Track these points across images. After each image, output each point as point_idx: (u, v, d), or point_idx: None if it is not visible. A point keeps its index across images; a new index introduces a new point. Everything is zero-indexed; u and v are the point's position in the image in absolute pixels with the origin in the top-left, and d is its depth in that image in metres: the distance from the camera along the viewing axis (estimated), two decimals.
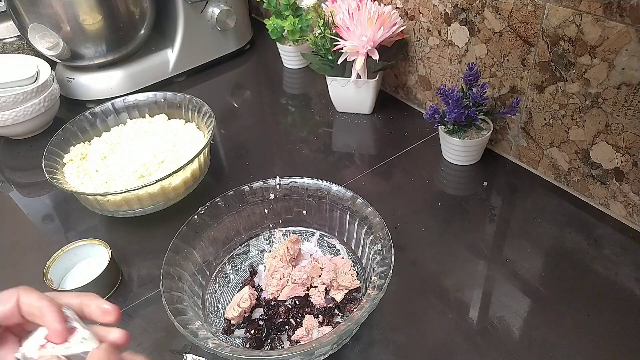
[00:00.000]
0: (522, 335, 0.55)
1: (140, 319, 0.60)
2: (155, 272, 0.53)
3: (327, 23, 0.83)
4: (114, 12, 0.92)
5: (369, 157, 0.83)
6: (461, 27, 0.75)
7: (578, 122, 0.66)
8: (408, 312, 0.58)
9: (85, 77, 0.99)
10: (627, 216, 0.66)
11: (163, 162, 0.75)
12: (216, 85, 1.06)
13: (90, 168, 0.75)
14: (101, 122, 0.82)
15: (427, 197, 0.73)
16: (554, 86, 0.66)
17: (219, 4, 1.04)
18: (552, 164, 0.72)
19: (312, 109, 0.96)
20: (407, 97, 0.93)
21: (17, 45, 1.05)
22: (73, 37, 0.91)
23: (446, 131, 0.76)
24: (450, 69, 0.81)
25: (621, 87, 0.59)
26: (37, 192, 0.82)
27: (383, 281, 0.50)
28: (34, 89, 0.87)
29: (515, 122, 0.74)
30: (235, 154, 0.86)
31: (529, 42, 0.66)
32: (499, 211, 0.70)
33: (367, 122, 0.90)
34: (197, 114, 0.81)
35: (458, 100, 0.71)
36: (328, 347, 0.52)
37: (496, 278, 0.61)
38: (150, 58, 1.03)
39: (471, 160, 0.77)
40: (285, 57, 1.07)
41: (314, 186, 0.63)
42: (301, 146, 0.86)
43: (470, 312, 0.58)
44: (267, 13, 1.17)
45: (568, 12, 0.60)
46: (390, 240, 0.54)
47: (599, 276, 0.60)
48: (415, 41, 0.84)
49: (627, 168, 0.63)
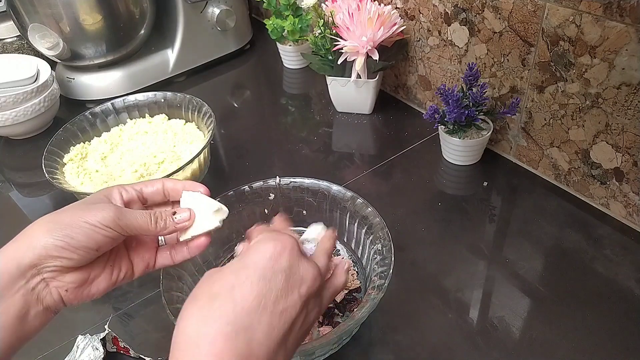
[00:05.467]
0: (522, 335, 0.55)
1: (141, 319, 0.60)
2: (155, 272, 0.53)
3: (327, 23, 0.83)
4: (114, 12, 0.92)
5: (369, 157, 0.83)
6: (461, 27, 0.75)
7: (578, 122, 0.66)
8: (408, 312, 0.58)
9: (85, 77, 0.98)
10: (627, 216, 0.66)
11: (163, 162, 0.75)
12: (216, 85, 1.06)
13: (90, 168, 0.75)
14: (101, 122, 0.82)
15: (427, 197, 0.73)
16: (554, 86, 0.66)
17: (219, 4, 1.04)
18: (552, 164, 0.72)
19: (312, 109, 0.96)
20: (407, 97, 0.93)
21: (17, 45, 1.05)
22: (73, 37, 0.91)
23: (446, 131, 0.76)
24: (450, 69, 0.81)
25: (621, 87, 0.59)
26: (37, 192, 0.82)
27: (383, 281, 0.50)
28: (34, 89, 0.87)
29: (515, 122, 0.74)
30: (235, 154, 0.86)
31: (529, 42, 0.66)
32: (499, 211, 0.70)
33: (367, 122, 0.90)
34: (197, 114, 0.81)
35: (458, 100, 0.71)
36: (328, 347, 0.52)
37: (496, 278, 0.61)
38: (150, 58, 1.03)
39: (471, 160, 0.77)
40: (285, 57, 1.07)
41: (314, 186, 0.63)
42: (301, 146, 0.86)
43: (470, 312, 0.58)
44: (267, 13, 1.17)
45: (568, 12, 0.60)
46: (390, 240, 0.54)
47: (599, 276, 0.60)
48: (415, 41, 0.84)
49: (627, 168, 0.63)
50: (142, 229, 0.40)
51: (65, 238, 0.36)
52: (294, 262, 0.36)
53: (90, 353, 0.53)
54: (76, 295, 0.39)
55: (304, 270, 0.36)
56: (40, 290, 0.37)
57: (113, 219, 0.38)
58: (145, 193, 0.43)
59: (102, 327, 0.56)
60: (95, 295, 0.40)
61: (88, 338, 0.55)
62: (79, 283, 0.39)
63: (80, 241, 0.37)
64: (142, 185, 0.44)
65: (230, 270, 0.35)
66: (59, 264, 0.37)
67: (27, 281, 0.36)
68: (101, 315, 0.60)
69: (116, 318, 0.60)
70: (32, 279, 0.36)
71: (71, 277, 0.38)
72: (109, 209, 0.38)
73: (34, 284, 0.36)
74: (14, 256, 0.36)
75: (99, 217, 0.37)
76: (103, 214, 0.38)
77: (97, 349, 0.54)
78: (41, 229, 0.37)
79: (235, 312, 0.32)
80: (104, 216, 0.38)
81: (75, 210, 0.38)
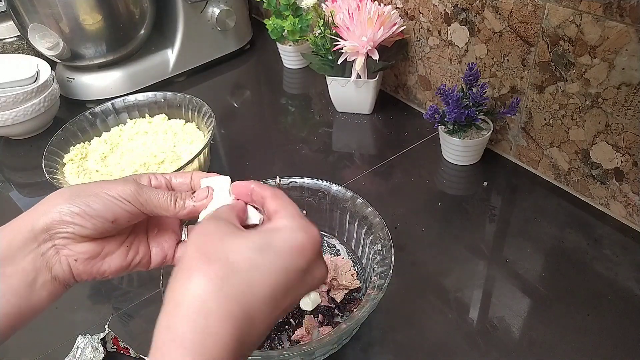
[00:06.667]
0: (522, 335, 0.55)
1: (140, 319, 0.60)
2: (155, 272, 0.53)
3: (327, 23, 0.83)
4: (114, 12, 0.92)
5: (369, 157, 0.83)
6: (461, 27, 0.75)
7: (578, 122, 0.66)
8: (408, 312, 0.58)
9: (85, 77, 0.98)
10: (627, 216, 0.66)
11: (163, 162, 0.75)
12: (216, 85, 1.06)
13: (90, 168, 0.75)
14: (101, 122, 0.82)
15: (427, 197, 0.73)
16: (554, 86, 0.66)
17: (219, 4, 1.04)
18: (552, 164, 0.72)
19: (312, 109, 0.96)
20: (407, 97, 0.93)
21: (17, 45, 1.05)
22: (73, 37, 0.91)
23: (446, 131, 0.76)
24: (450, 69, 0.81)
25: (621, 87, 0.59)
26: (37, 192, 0.82)
27: (383, 281, 0.50)
28: (34, 89, 0.87)
29: (515, 122, 0.74)
30: (235, 154, 0.86)
31: (529, 42, 0.66)
32: (499, 211, 0.70)
33: (367, 122, 0.90)
34: (197, 114, 0.81)
35: (458, 100, 0.71)
36: (328, 347, 0.52)
37: (496, 278, 0.61)
38: (150, 58, 1.03)
39: (471, 160, 0.77)
40: (285, 57, 1.07)
41: (314, 186, 0.63)
42: (301, 146, 0.86)
43: (470, 312, 0.58)
44: (267, 13, 1.17)
45: (568, 12, 0.60)
46: (390, 240, 0.54)
47: (599, 276, 0.60)
48: (415, 41, 0.84)
49: (627, 168, 0.63)
50: (161, 208, 0.39)
51: (82, 205, 0.36)
52: (313, 263, 0.34)
53: (90, 353, 0.53)
54: (86, 267, 0.38)
55: (318, 271, 0.35)
56: (50, 257, 0.37)
57: (132, 193, 0.38)
58: (173, 183, 0.43)
59: (102, 327, 0.56)
60: (106, 273, 0.39)
61: (88, 338, 0.55)
62: (90, 255, 0.38)
63: (97, 210, 0.36)
64: (172, 175, 0.43)
65: (254, 244, 0.33)
66: (71, 231, 0.36)
67: (39, 245, 0.36)
68: (101, 315, 0.60)
69: (116, 318, 0.60)
70: (44, 243, 0.36)
71: (83, 247, 0.38)
72: (130, 184, 0.38)
73: (44, 249, 0.36)
74: (30, 219, 0.36)
75: (119, 189, 0.38)
76: (124, 187, 0.38)
77: (97, 349, 0.54)
78: (62, 196, 0.37)
79: (249, 300, 0.31)
80: (124, 189, 0.38)
81: (99, 183, 0.38)
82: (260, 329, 0.32)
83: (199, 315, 0.29)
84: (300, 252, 0.34)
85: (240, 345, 0.30)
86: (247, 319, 0.30)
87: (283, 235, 0.34)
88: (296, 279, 0.33)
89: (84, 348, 0.54)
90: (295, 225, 0.35)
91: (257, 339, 0.32)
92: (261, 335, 0.32)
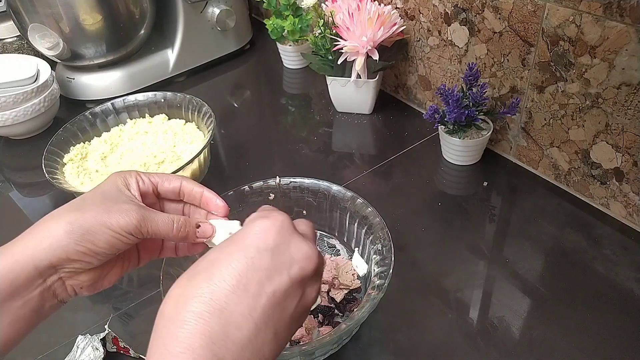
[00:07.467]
0: (522, 335, 0.55)
1: (140, 319, 0.60)
2: (155, 272, 0.53)
3: (327, 23, 0.83)
4: (114, 12, 0.92)
5: (369, 157, 0.83)
6: (461, 27, 0.75)
7: (578, 122, 0.66)
8: (408, 312, 0.58)
9: (85, 77, 0.98)
10: (627, 216, 0.66)
11: (163, 162, 0.75)
12: (216, 85, 1.06)
13: (90, 168, 0.75)
14: (101, 122, 0.82)
15: (427, 197, 0.73)
16: (554, 86, 0.66)
17: (219, 4, 1.04)
18: (552, 164, 0.72)
19: (312, 109, 0.96)
20: (407, 97, 0.93)
21: (17, 45, 1.05)
22: (73, 37, 0.91)
23: (446, 131, 0.76)
24: (450, 69, 0.81)
25: (621, 87, 0.59)
26: (37, 192, 0.82)
27: (383, 281, 0.50)
28: (34, 89, 0.87)
29: (515, 122, 0.74)
30: (235, 154, 0.86)
31: (529, 42, 0.66)
32: (499, 211, 0.70)
33: (367, 122, 0.90)
34: (197, 114, 0.81)
35: (458, 100, 0.71)
36: (328, 347, 0.52)
37: (496, 278, 0.61)
38: (150, 58, 1.03)
39: (471, 160, 0.77)
40: (285, 57, 1.07)
41: (313, 186, 0.63)
42: (301, 146, 0.86)
43: (470, 312, 0.58)
44: (267, 13, 1.17)
45: (568, 12, 0.60)
46: (390, 240, 0.54)
47: (599, 276, 0.60)
48: (415, 41, 0.84)
49: (627, 168, 0.63)
50: (163, 234, 0.40)
51: (87, 244, 0.36)
52: (282, 241, 0.33)
53: (90, 353, 0.53)
54: (89, 290, 0.40)
55: (294, 250, 0.34)
56: (57, 287, 0.38)
57: (136, 226, 0.38)
58: (160, 189, 0.43)
59: (102, 327, 0.56)
60: (106, 286, 0.41)
61: (88, 338, 0.55)
62: (94, 280, 0.39)
63: (102, 247, 0.37)
64: (159, 179, 0.43)
65: (217, 247, 0.34)
66: (78, 267, 0.37)
67: (45, 280, 0.37)
68: (101, 315, 0.60)
69: (116, 318, 0.60)
70: (50, 277, 0.37)
71: (87, 275, 0.39)
72: (131, 214, 0.38)
73: (50, 282, 0.37)
74: (30, 251, 0.36)
75: (121, 223, 0.37)
76: (126, 219, 0.37)
77: (97, 349, 0.54)
78: (62, 229, 0.36)
79: (212, 291, 0.30)
80: (127, 222, 0.37)
81: (97, 212, 0.37)
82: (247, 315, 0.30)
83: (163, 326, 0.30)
84: (259, 233, 0.33)
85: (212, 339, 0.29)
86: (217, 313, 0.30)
87: (243, 229, 0.35)
88: (266, 261, 0.32)
89: (84, 348, 0.54)
90: (254, 216, 0.36)
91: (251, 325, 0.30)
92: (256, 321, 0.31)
